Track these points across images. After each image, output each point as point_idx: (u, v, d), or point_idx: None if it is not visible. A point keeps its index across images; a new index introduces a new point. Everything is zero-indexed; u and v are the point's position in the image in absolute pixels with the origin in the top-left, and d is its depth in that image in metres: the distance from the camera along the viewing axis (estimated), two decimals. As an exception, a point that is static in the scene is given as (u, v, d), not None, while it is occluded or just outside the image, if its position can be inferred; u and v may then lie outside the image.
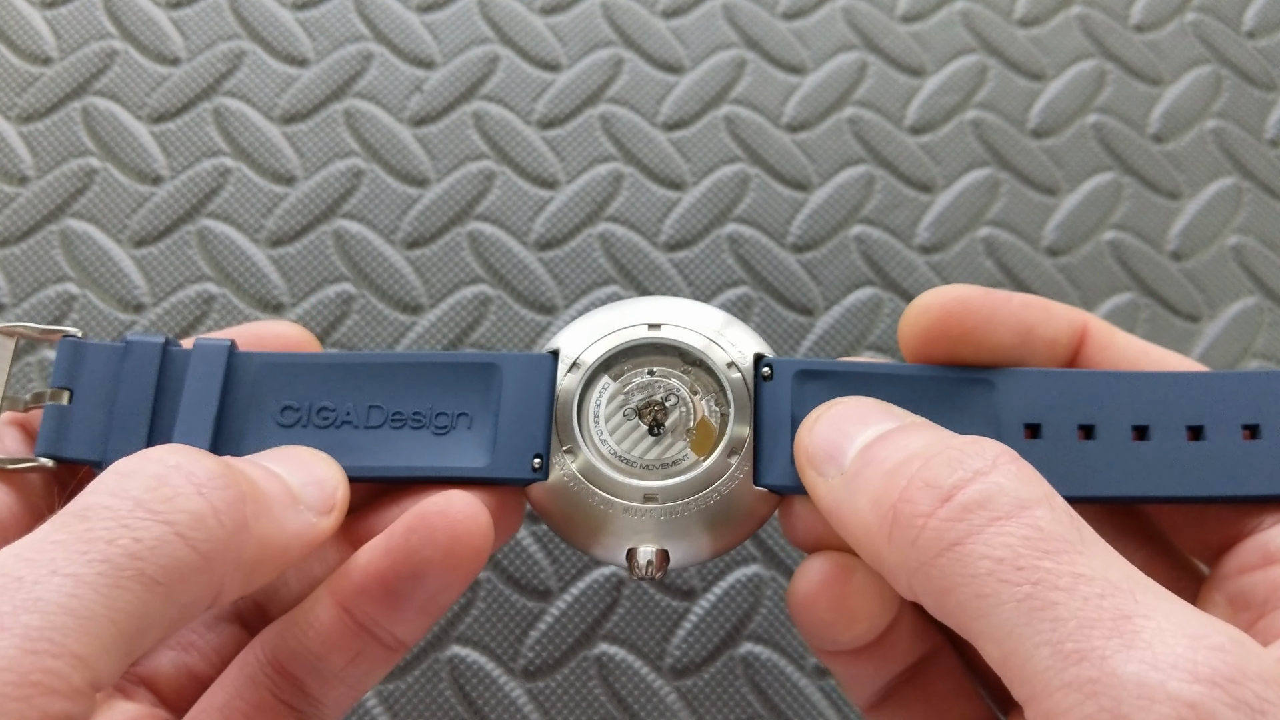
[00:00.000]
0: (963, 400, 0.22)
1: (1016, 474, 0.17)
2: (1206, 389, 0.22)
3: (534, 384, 0.23)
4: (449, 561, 0.20)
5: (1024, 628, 0.16)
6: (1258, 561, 0.20)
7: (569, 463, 0.22)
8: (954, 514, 0.17)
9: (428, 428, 0.22)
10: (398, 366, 0.23)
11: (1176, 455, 0.22)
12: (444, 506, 0.20)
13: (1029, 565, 0.16)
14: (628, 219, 0.36)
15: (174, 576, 0.17)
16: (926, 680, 0.23)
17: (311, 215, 0.36)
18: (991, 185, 0.37)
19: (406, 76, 0.38)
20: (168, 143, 0.36)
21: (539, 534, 0.33)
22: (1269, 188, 0.38)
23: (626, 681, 0.32)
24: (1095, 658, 0.15)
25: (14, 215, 0.35)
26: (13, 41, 0.37)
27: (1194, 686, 0.14)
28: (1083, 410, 0.22)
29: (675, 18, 0.39)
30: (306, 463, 0.21)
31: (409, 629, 0.21)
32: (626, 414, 0.23)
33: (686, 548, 0.22)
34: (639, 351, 0.23)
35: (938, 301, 0.22)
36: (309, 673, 0.21)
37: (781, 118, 0.38)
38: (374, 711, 0.31)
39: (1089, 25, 0.40)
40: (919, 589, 0.17)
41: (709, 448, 0.22)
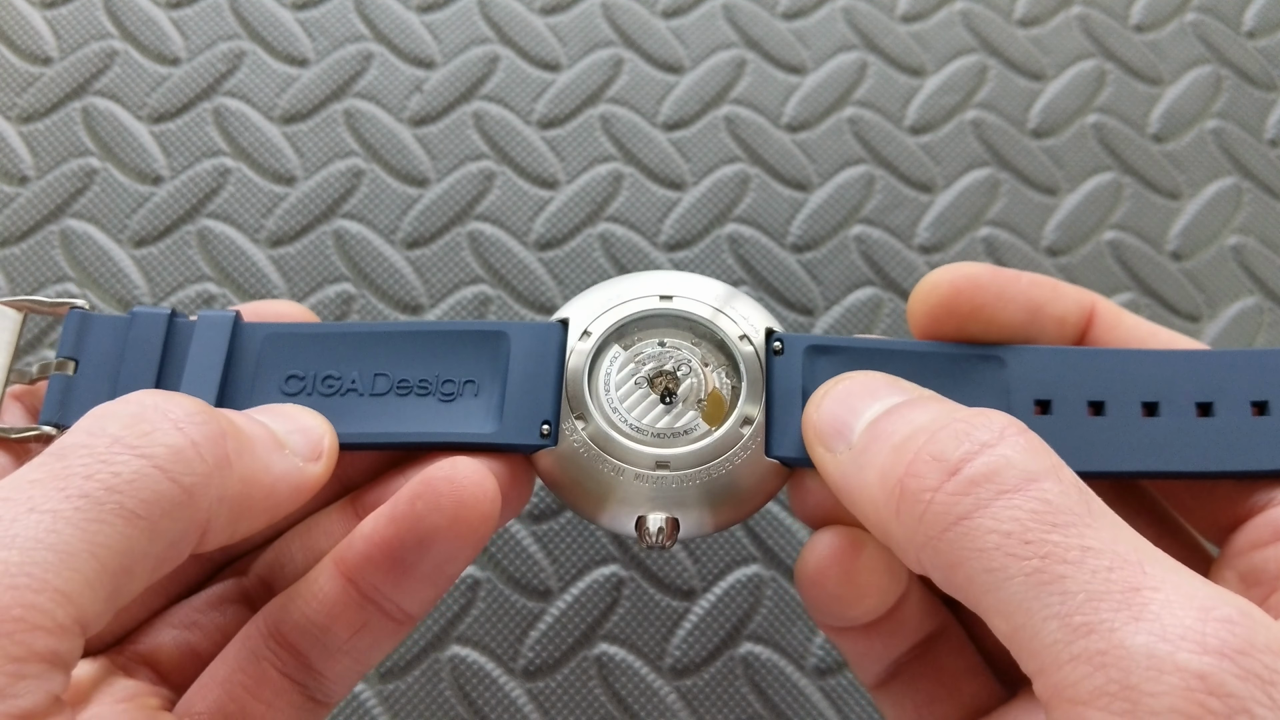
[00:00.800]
0: (973, 377, 0.22)
1: (1024, 446, 0.17)
2: (1215, 366, 0.22)
3: (543, 352, 0.23)
4: (455, 528, 0.19)
5: (1032, 601, 0.16)
6: (1269, 537, 0.20)
7: (580, 429, 0.22)
8: (960, 488, 0.17)
9: (434, 395, 0.22)
10: (403, 335, 0.23)
11: (1186, 431, 0.22)
12: (450, 472, 0.20)
13: (1037, 539, 0.16)
14: (628, 219, 0.36)
15: (155, 510, 0.16)
16: (934, 658, 0.23)
17: (311, 215, 0.36)
18: (991, 185, 0.37)
19: (406, 76, 0.38)
20: (168, 143, 0.36)
21: (539, 534, 0.33)
22: (1269, 188, 0.38)
23: (626, 681, 0.32)
24: (1104, 630, 0.15)
25: (14, 215, 0.35)
26: (13, 41, 0.37)
27: (1203, 658, 0.14)
28: (1092, 387, 0.22)
29: (675, 18, 0.39)
30: (291, 414, 0.21)
31: (415, 600, 0.20)
32: (638, 382, 0.23)
33: (697, 517, 0.22)
34: (650, 322, 0.23)
35: (948, 279, 0.23)
36: (312, 646, 0.20)
37: (781, 118, 0.38)
38: (374, 711, 0.31)
39: (1089, 25, 0.40)
40: (928, 563, 0.17)
41: (721, 418, 0.22)
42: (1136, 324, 0.23)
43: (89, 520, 0.16)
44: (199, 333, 0.23)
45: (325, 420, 0.21)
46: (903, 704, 0.23)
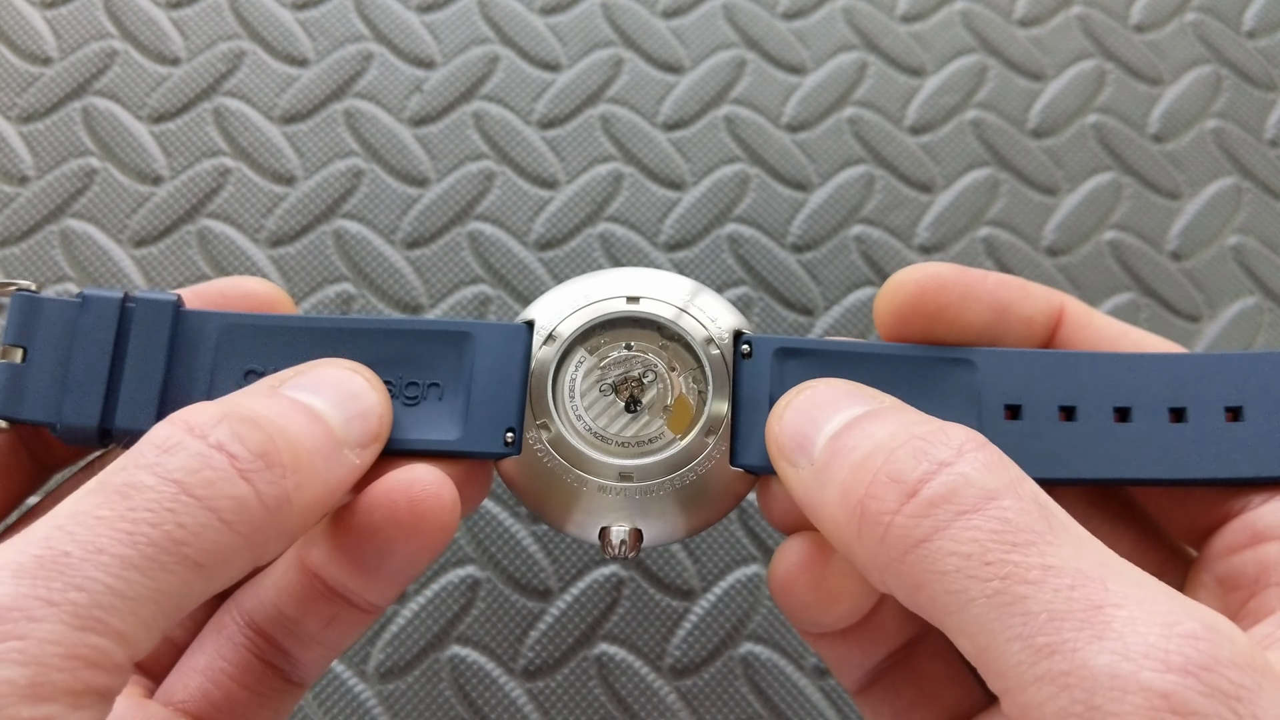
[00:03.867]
0: (944, 380, 0.22)
1: (982, 462, 0.17)
2: (1189, 371, 0.22)
3: (508, 355, 0.22)
4: (413, 539, 0.20)
5: (995, 623, 0.16)
6: (1246, 541, 0.20)
7: (543, 437, 0.22)
8: (919, 510, 0.17)
9: (398, 397, 0.22)
10: (367, 332, 0.22)
11: (1158, 437, 0.21)
12: (406, 485, 0.20)
13: (996, 560, 0.16)
14: (628, 219, 0.36)
15: (217, 560, 0.17)
16: (915, 663, 0.22)
17: (311, 215, 0.36)
18: (991, 185, 0.37)
19: (406, 76, 0.38)
20: (168, 143, 0.36)
21: (539, 534, 0.33)
22: (1269, 188, 0.38)
23: (626, 681, 0.32)
24: (1067, 650, 0.15)
25: (14, 215, 0.35)
26: (13, 41, 0.37)
27: (1166, 676, 0.14)
28: (1064, 391, 0.22)
29: (675, 18, 0.39)
30: (352, 391, 0.20)
31: (380, 595, 0.21)
32: (603, 389, 0.22)
33: (661, 527, 0.22)
34: (616, 325, 0.23)
35: (913, 278, 0.22)
36: (286, 635, 0.21)
37: (781, 118, 0.38)
38: (374, 712, 0.31)
39: (1089, 25, 0.40)
40: (891, 584, 0.17)
41: (686, 426, 0.22)
42: (1107, 324, 0.23)
43: (155, 569, 0.16)
44: (138, 323, 0.22)
45: (382, 391, 0.21)
46: (882, 710, 0.23)
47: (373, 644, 0.31)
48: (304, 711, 0.31)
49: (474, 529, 0.33)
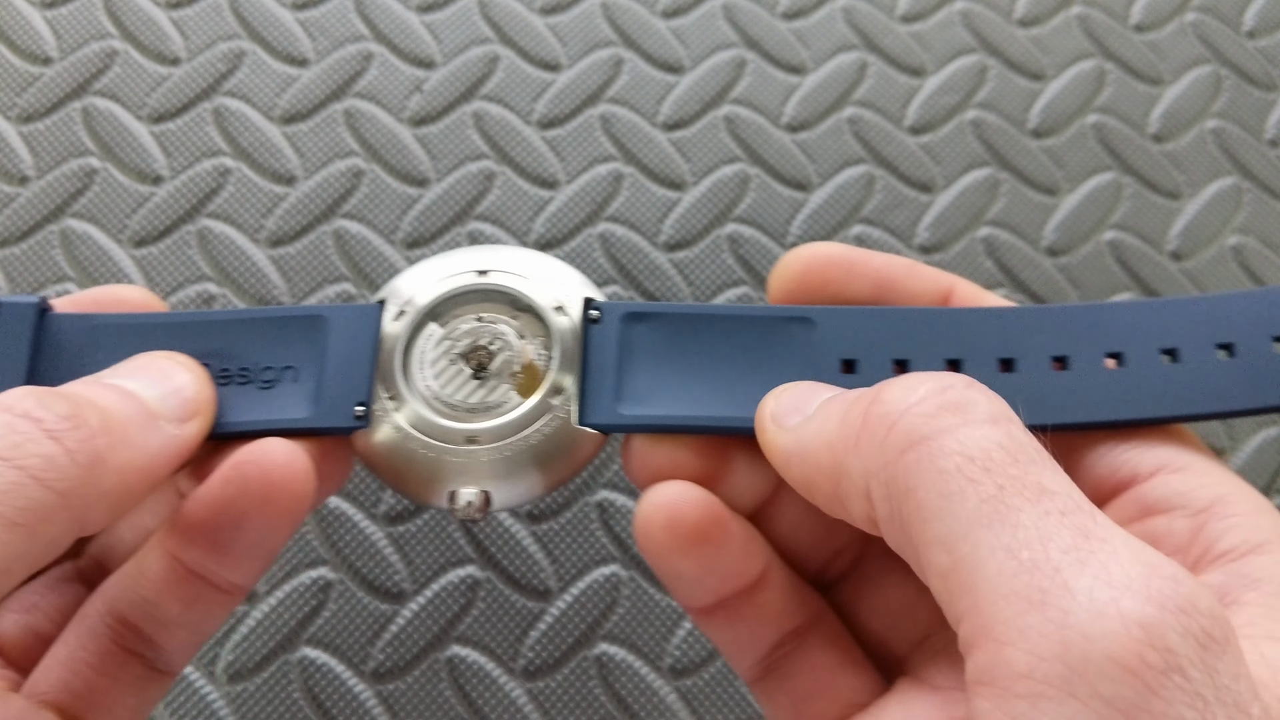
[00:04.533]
0: (785, 338, 0.23)
1: (992, 396, 0.17)
2: (1017, 324, 0.22)
3: (360, 334, 0.23)
4: (267, 509, 0.20)
5: (983, 529, 0.15)
6: (1135, 514, 0.20)
7: (391, 410, 0.22)
8: (929, 410, 0.17)
9: (254, 382, 0.22)
10: (224, 324, 0.23)
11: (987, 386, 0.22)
12: (258, 456, 0.20)
13: (998, 469, 0.16)
14: (628, 219, 0.36)
15: (33, 517, 0.17)
16: (808, 652, 0.22)
17: (311, 215, 0.36)
18: (991, 185, 0.37)
19: (406, 76, 0.38)
20: (168, 143, 0.36)
21: (539, 534, 0.33)
22: (1269, 188, 0.38)
23: (626, 681, 0.32)
24: (1049, 568, 0.15)
25: (14, 215, 0.35)
26: (13, 41, 0.37)
27: (1146, 607, 0.14)
28: (899, 346, 0.22)
29: (675, 18, 0.39)
30: (164, 371, 0.21)
31: (241, 574, 0.21)
32: (451, 359, 0.23)
33: (510, 488, 0.22)
34: (467, 298, 0.23)
35: (802, 256, 0.23)
36: (148, 620, 0.21)
37: (781, 118, 0.38)
38: (374, 711, 0.31)
39: (1089, 25, 0.40)
40: (879, 492, 0.17)
41: (535, 390, 0.23)
42: (997, 303, 0.24)
43: None
44: (1, 324, 0.22)
45: (199, 370, 0.22)
46: (778, 700, 0.22)
47: (372, 644, 0.31)
48: (303, 711, 0.31)
49: (473, 529, 0.33)
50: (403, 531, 0.33)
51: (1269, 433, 0.35)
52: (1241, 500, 0.19)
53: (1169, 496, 0.20)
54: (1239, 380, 0.22)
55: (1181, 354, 0.22)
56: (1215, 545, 0.19)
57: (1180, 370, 0.22)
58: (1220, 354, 0.22)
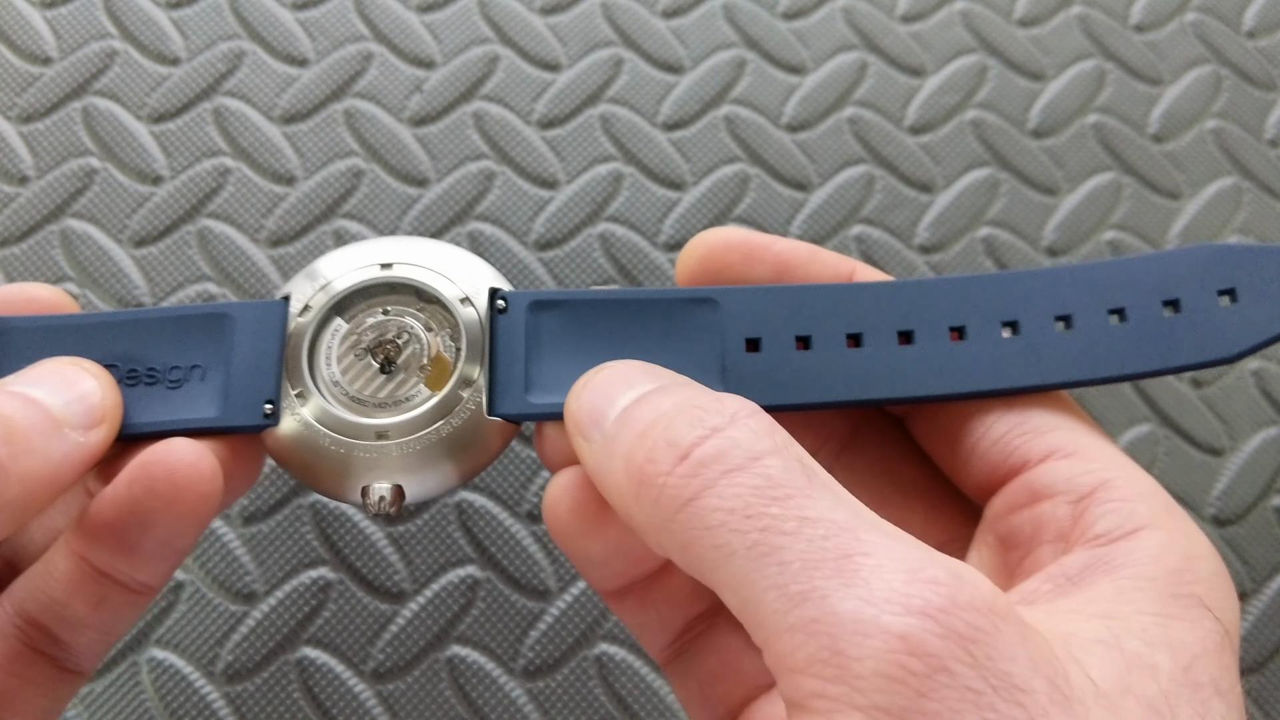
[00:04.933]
0: (690, 320, 0.23)
1: (752, 428, 0.18)
2: (916, 297, 0.23)
3: (265, 331, 0.23)
4: (173, 509, 0.20)
5: (755, 573, 0.16)
6: (1024, 500, 0.20)
7: (299, 406, 0.22)
8: (690, 470, 0.17)
9: (162, 383, 0.22)
10: (130, 324, 0.23)
11: (887, 359, 0.22)
12: (163, 456, 0.20)
13: (757, 512, 0.17)
14: (628, 219, 0.36)
15: None
16: (715, 634, 0.23)
17: (311, 215, 0.36)
18: (991, 185, 0.37)
19: (406, 76, 0.38)
20: (168, 143, 0.36)
21: (539, 534, 0.33)
22: (1269, 188, 0.38)
23: (626, 681, 0.32)
24: (816, 597, 0.15)
25: (14, 215, 0.35)
26: (13, 41, 0.37)
27: (905, 619, 0.15)
28: (800, 323, 0.23)
29: (675, 18, 0.39)
30: (69, 378, 0.21)
31: (149, 573, 0.21)
32: (358, 354, 0.23)
33: (422, 480, 0.22)
34: (373, 292, 0.23)
35: (704, 242, 0.24)
36: (56, 621, 0.21)
37: (781, 118, 0.38)
38: (374, 712, 0.31)
39: (1089, 25, 0.40)
40: (666, 545, 0.18)
41: (444, 383, 0.23)
42: None
43: None
44: None
45: (104, 376, 0.21)
46: (687, 682, 0.23)
47: (372, 644, 0.31)
48: (303, 711, 0.31)
49: (473, 529, 0.33)
50: (403, 531, 0.33)
51: (1269, 433, 0.35)
52: (1125, 485, 0.20)
53: (1055, 482, 0.20)
54: (1130, 345, 0.22)
55: (1075, 320, 0.22)
56: (1089, 530, 0.19)
57: (1074, 337, 0.22)
58: (1113, 319, 0.22)
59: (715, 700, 0.22)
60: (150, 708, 0.31)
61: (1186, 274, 0.22)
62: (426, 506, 0.33)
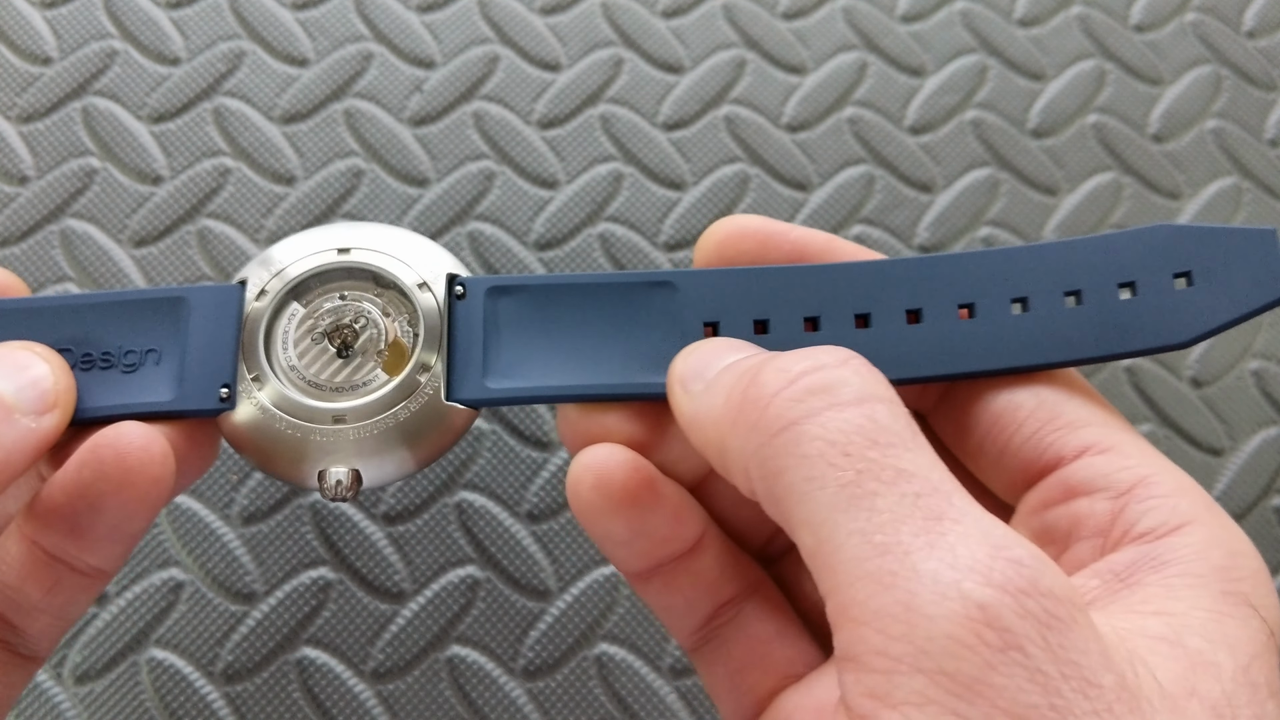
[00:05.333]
0: (649, 303, 0.23)
1: (864, 372, 0.18)
2: (873, 278, 0.23)
3: (221, 315, 0.22)
4: (124, 493, 0.20)
5: (841, 514, 0.16)
6: (1059, 496, 0.20)
7: (256, 391, 0.22)
8: (797, 394, 0.17)
9: (116, 367, 0.22)
10: (84, 308, 0.22)
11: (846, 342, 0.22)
12: (113, 439, 0.20)
13: (857, 452, 0.16)
14: (628, 219, 0.36)
15: None
16: (745, 622, 0.23)
17: (312, 215, 0.36)
18: (991, 185, 0.37)
19: (406, 76, 0.38)
20: (168, 143, 0.36)
21: (539, 534, 0.33)
22: (1269, 188, 0.38)
23: (626, 681, 0.32)
24: (899, 551, 0.15)
25: (14, 215, 0.35)
26: (13, 41, 0.37)
27: (986, 590, 0.15)
28: (758, 306, 0.22)
29: (675, 18, 0.39)
30: (20, 363, 0.21)
31: (101, 558, 0.21)
32: (315, 338, 0.23)
33: (380, 465, 0.22)
34: (330, 277, 0.23)
35: (721, 229, 0.23)
36: (9, 606, 0.21)
37: (781, 118, 0.38)
38: (374, 711, 0.31)
39: (1089, 25, 0.40)
40: (755, 473, 0.18)
41: (401, 367, 0.22)
42: None
43: None
44: None
45: (56, 361, 0.21)
46: (715, 670, 0.23)
47: (372, 644, 0.31)
48: (303, 711, 0.31)
49: (474, 529, 0.33)
50: (403, 531, 0.33)
51: (1269, 433, 0.35)
52: (1164, 481, 0.20)
53: (1093, 478, 0.20)
54: (1086, 329, 0.22)
55: (1031, 302, 0.22)
56: (1134, 527, 0.19)
57: (1029, 319, 0.22)
58: (1069, 301, 0.22)
59: (744, 689, 0.22)
60: (150, 708, 0.31)
61: (1144, 255, 0.22)
62: (426, 506, 0.33)
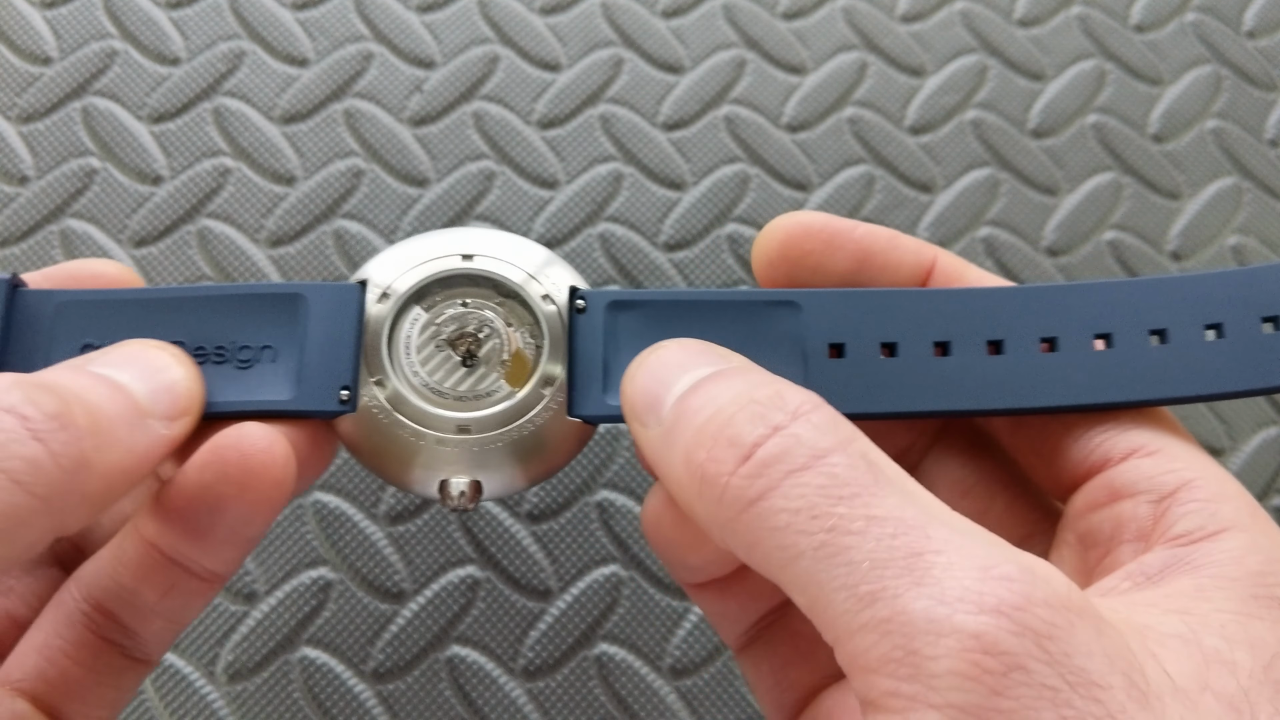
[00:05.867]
0: (771, 322, 0.22)
1: (814, 423, 0.18)
2: (1006, 305, 0.22)
3: (341, 314, 0.22)
4: (246, 496, 0.19)
5: (822, 574, 0.16)
6: (1104, 498, 0.20)
7: (378, 394, 0.22)
8: (753, 470, 0.17)
9: (231, 362, 0.22)
10: (199, 300, 0.22)
11: (976, 369, 0.22)
12: (236, 440, 0.19)
13: (823, 512, 0.16)
14: (628, 219, 0.36)
15: (10, 521, 0.16)
16: (790, 621, 0.23)
17: (311, 215, 0.36)
18: (991, 185, 0.37)
19: (406, 76, 0.38)
20: (168, 143, 0.36)
21: (539, 534, 0.33)
22: (1269, 188, 0.38)
23: (626, 681, 0.32)
24: (887, 597, 0.15)
25: (14, 215, 0.35)
26: (13, 41, 0.37)
27: (979, 617, 0.15)
28: (886, 328, 0.22)
29: (675, 18, 0.39)
30: (157, 365, 0.20)
31: (218, 561, 0.21)
32: (439, 345, 0.22)
33: (500, 478, 0.22)
34: (453, 282, 0.23)
35: (783, 226, 0.23)
36: (124, 608, 0.21)
37: (781, 118, 0.38)
38: (374, 711, 0.31)
39: (1089, 25, 0.40)
40: (731, 543, 0.18)
41: (523, 379, 0.22)
42: (981, 278, 0.23)
43: None
44: None
45: (190, 366, 0.21)
46: (761, 668, 0.23)
47: (372, 644, 0.31)
48: (303, 711, 0.31)
49: (474, 529, 0.33)
50: (403, 531, 0.33)
51: (1269, 433, 0.35)
52: (1208, 486, 0.19)
53: (1137, 481, 0.20)
54: (1228, 361, 0.22)
55: (1170, 335, 0.22)
56: (1171, 530, 0.19)
57: (1168, 351, 0.22)
58: (1209, 334, 0.22)
59: (787, 685, 0.22)
60: (151, 707, 0.31)
61: None
62: (426, 506, 0.33)
